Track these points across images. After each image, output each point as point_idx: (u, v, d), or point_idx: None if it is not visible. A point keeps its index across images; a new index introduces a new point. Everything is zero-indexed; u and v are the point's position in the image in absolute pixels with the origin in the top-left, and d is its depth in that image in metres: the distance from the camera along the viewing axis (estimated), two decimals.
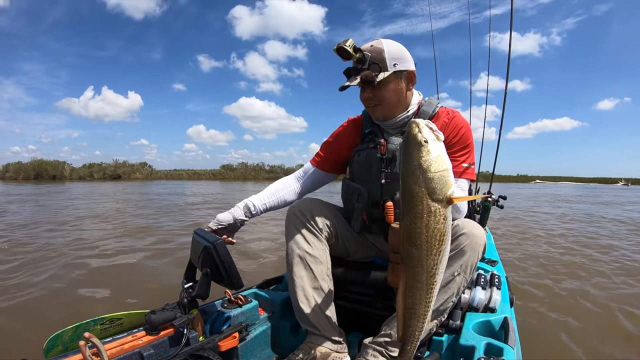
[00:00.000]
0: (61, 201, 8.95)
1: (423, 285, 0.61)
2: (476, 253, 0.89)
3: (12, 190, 13.68)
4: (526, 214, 7.43)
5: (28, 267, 2.78)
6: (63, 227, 4.76)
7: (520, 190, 19.89)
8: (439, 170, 0.57)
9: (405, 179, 0.59)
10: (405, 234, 0.60)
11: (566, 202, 11.95)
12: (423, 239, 0.58)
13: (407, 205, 0.59)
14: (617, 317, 2.06)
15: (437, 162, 0.57)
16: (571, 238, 4.65)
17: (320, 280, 1.01)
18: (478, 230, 0.90)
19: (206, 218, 5.73)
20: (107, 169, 30.60)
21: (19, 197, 9.89)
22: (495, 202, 2.13)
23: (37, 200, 9.16)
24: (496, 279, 1.12)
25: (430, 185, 0.56)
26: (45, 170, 27.85)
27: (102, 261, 3.02)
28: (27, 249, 3.45)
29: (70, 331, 0.87)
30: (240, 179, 32.66)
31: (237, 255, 3.00)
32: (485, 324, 0.97)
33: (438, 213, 0.57)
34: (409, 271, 0.61)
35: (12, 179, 26.00)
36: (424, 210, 0.57)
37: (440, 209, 0.57)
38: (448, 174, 0.58)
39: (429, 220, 0.57)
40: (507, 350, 0.80)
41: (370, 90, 0.98)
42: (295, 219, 1.05)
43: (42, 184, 20.26)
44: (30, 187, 16.01)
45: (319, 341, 0.95)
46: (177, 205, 8.20)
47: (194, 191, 14.38)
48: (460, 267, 0.88)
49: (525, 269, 3.02)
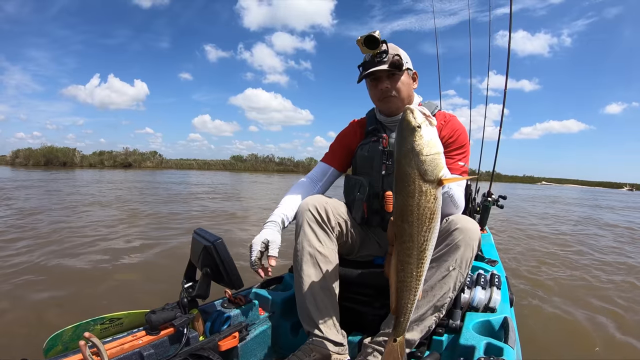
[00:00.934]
0: (74, 188, 8.88)
1: (414, 260, 0.65)
2: (470, 248, 0.89)
3: (21, 176, 13.52)
4: (532, 215, 7.40)
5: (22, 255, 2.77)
6: (69, 216, 4.73)
7: (526, 191, 19.78)
8: (430, 153, 0.60)
9: (399, 161, 0.62)
10: (398, 211, 0.64)
11: (573, 205, 11.86)
12: (414, 217, 0.62)
13: (400, 185, 0.63)
14: (617, 317, 2.06)
15: (429, 146, 0.60)
16: (572, 239, 4.65)
17: (329, 280, 0.99)
18: (472, 224, 0.91)
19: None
20: (117, 156, 30.06)
21: (28, 184, 9.77)
22: (495, 201, 2.13)
23: (46, 186, 9.08)
24: (496, 278, 1.12)
25: (422, 167, 0.60)
26: (56, 157, 27.28)
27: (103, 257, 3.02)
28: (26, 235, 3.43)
29: (70, 331, 0.87)
30: (250, 170, 32.20)
31: (237, 255, 2.99)
32: (485, 324, 0.97)
33: (429, 193, 0.61)
34: (401, 246, 0.65)
35: (22, 165, 25.69)
36: (415, 190, 0.61)
37: (431, 189, 0.61)
38: (439, 157, 0.61)
39: (420, 199, 0.61)
40: (507, 350, 0.80)
41: (389, 81, 1.04)
42: (308, 215, 1.02)
43: (52, 170, 20.13)
44: (40, 173, 15.85)
45: (320, 343, 0.94)
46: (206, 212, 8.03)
47: (209, 182, 13.80)
48: (455, 262, 0.88)
49: (525, 268, 3.02)
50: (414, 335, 0.90)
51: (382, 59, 1.03)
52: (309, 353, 0.92)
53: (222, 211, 5.93)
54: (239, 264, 1.02)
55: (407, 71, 1.06)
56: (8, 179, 11.63)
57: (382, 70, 1.02)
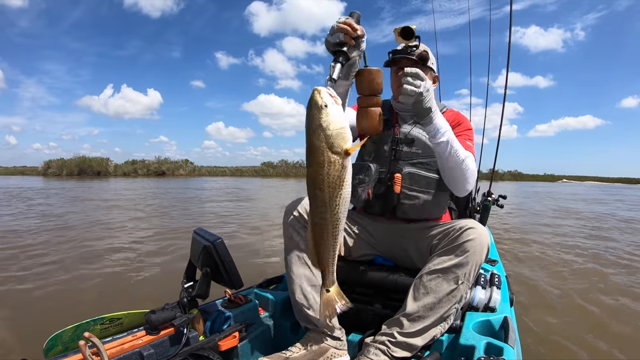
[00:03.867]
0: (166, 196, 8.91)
1: (328, 222, 0.73)
2: (480, 261, 0.90)
3: (67, 185, 13.67)
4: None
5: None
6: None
7: (549, 188, 19.40)
8: (336, 128, 0.69)
9: (310, 136, 0.70)
10: (310, 180, 0.72)
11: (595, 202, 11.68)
12: (325, 184, 0.70)
13: (311, 157, 0.71)
14: (617, 317, 2.06)
15: (334, 122, 0.69)
16: (573, 239, 4.65)
17: (319, 279, 1.00)
18: (484, 238, 0.91)
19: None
20: (150, 165, 30.67)
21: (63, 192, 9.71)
22: (495, 201, 2.13)
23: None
24: (496, 278, 1.11)
25: (329, 140, 0.68)
26: (90, 167, 27.70)
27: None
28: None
29: (70, 331, 0.87)
30: (281, 176, 32.57)
31: (236, 255, 3.01)
32: (485, 324, 0.97)
33: (337, 162, 0.69)
34: (316, 211, 0.73)
35: (55, 175, 25.86)
36: (324, 160, 0.69)
37: (338, 159, 0.69)
38: (345, 131, 0.70)
39: (330, 169, 0.69)
40: (507, 350, 0.80)
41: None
42: (292, 218, 1.05)
43: (86, 180, 20.28)
44: (82, 183, 16.06)
45: (317, 336, 0.95)
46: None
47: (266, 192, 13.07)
48: (464, 276, 0.88)
49: (526, 267, 3.02)
50: (418, 342, 0.90)
51: (412, 51, 1.08)
52: (306, 344, 0.92)
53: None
54: (239, 264, 1.02)
55: (430, 71, 1.11)
56: (55, 188, 11.73)
57: (409, 59, 1.07)
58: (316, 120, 0.68)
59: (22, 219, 5.37)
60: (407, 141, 1.10)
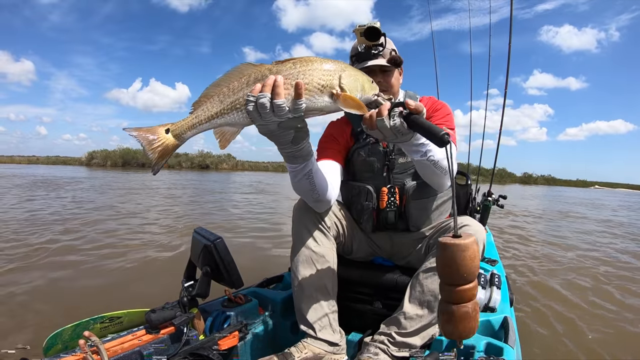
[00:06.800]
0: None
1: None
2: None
3: (128, 177, 13.82)
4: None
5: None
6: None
7: (583, 194, 18.56)
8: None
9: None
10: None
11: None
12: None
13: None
14: (617, 317, 2.06)
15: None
16: (574, 239, 4.65)
17: (325, 280, 0.98)
18: (480, 234, 0.90)
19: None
20: (194, 158, 31.27)
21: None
22: (495, 201, 2.14)
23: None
24: (496, 278, 1.11)
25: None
26: (135, 158, 28.10)
27: None
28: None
29: (70, 330, 0.87)
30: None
31: (236, 254, 2.99)
32: (485, 324, 0.97)
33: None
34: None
35: (100, 166, 26.33)
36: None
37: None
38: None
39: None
40: (507, 350, 0.80)
41: (382, 76, 1.02)
42: (303, 215, 1.00)
43: (131, 171, 20.41)
44: (136, 175, 16.15)
45: (313, 342, 0.93)
46: None
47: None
48: None
49: (527, 267, 3.02)
50: (417, 341, 0.89)
51: (378, 52, 1.00)
52: (302, 350, 0.91)
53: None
54: (239, 263, 1.02)
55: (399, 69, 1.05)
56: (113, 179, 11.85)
57: (381, 67, 1.00)
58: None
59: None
60: (399, 152, 1.04)
